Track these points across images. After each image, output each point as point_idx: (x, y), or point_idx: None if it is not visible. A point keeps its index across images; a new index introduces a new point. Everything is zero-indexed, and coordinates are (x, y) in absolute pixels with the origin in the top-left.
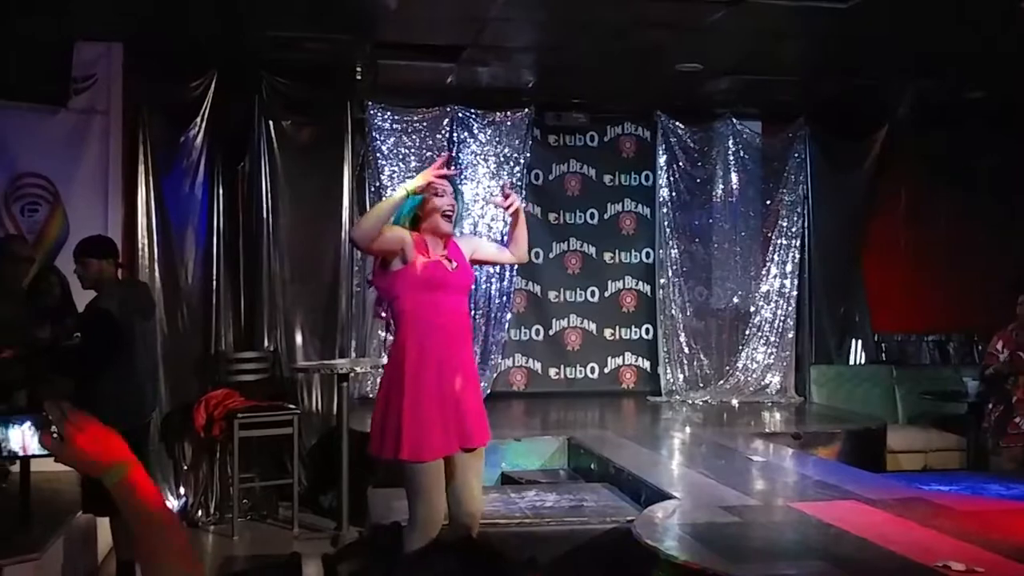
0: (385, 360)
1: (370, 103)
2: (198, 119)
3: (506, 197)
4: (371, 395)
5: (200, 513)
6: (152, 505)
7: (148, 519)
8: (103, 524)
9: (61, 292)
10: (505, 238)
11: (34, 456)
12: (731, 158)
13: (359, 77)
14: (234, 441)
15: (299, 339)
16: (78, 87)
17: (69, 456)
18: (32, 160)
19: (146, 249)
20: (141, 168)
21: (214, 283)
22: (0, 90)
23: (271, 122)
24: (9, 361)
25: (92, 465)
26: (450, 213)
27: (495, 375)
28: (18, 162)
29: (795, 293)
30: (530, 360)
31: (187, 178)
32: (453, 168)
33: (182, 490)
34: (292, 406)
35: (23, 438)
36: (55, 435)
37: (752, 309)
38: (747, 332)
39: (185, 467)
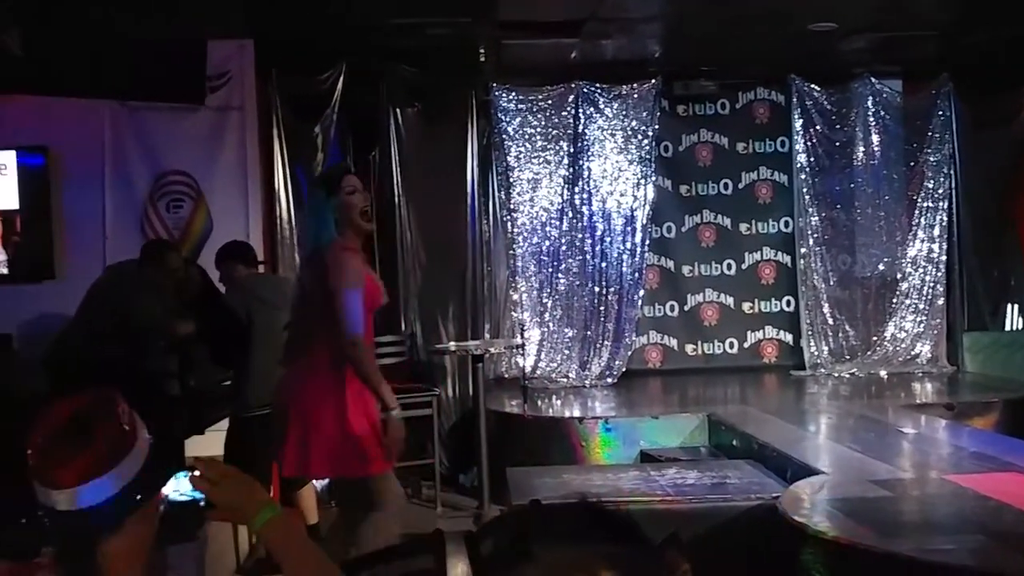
0: (518, 342)
1: (494, 84)
2: (329, 110)
3: None
4: (506, 375)
5: None
6: (299, 547)
7: (297, 562)
8: None
9: (202, 286)
10: (633, 221)
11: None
12: (871, 119)
13: (482, 59)
14: None
15: (434, 322)
16: (213, 85)
17: (216, 504)
18: (174, 158)
19: (287, 240)
20: (277, 161)
21: None
22: (141, 92)
23: (398, 109)
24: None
25: (235, 512)
26: (368, 210)
27: (629, 353)
28: (162, 161)
29: (944, 258)
30: (665, 337)
31: (321, 169)
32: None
33: None
34: (431, 388)
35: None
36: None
37: (899, 276)
38: (894, 300)
39: None
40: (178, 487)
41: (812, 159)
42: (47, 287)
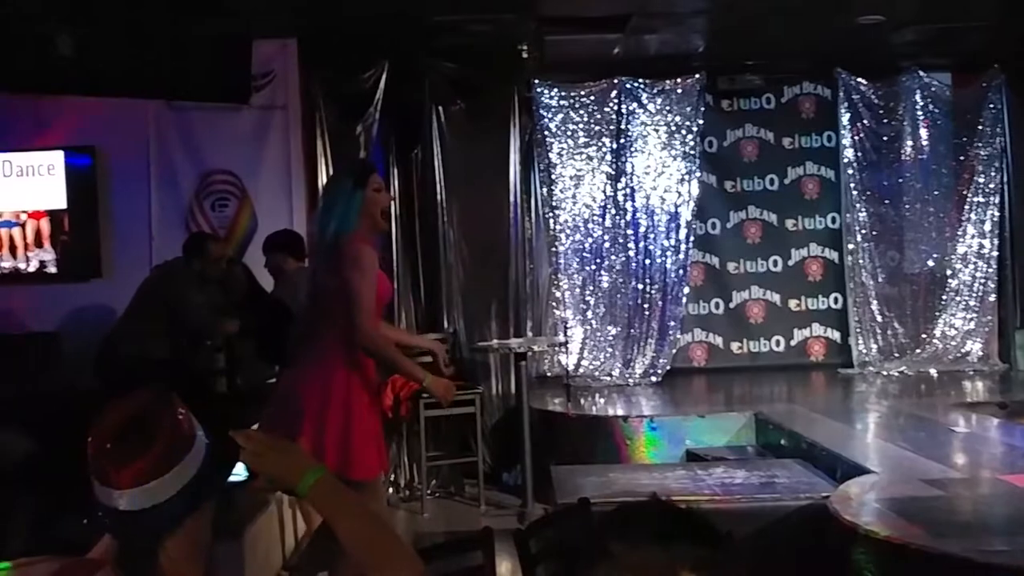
0: (561, 340)
1: (536, 81)
2: (372, 108)
3: None
4: (549, 373)
5: (391, 491)
6: (350, 505)
7: (348, 520)
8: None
9: (248, 285)
10: (677, 217)
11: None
12: (919, 113)
13: (525, 55)
14: (420, 421)
15: (477, 319)
16: (258, 84)
17: (259, 474)
18: (220, 157)
19: None
20: (321, 160)
21: (394, 267)
22: (186, 91)
23: (441, 107)
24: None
25: (280, 481)
26: (387, 210)
27: (674, 351)
28: (207, 160)
29: (995, 253)
30: (710, 335)
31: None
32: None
33: None
34: (474, 386)
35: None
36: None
37: (949, 272)
38: (944, 297)
39: None
40: None
41: (859, 154)
42: (94, 286)
